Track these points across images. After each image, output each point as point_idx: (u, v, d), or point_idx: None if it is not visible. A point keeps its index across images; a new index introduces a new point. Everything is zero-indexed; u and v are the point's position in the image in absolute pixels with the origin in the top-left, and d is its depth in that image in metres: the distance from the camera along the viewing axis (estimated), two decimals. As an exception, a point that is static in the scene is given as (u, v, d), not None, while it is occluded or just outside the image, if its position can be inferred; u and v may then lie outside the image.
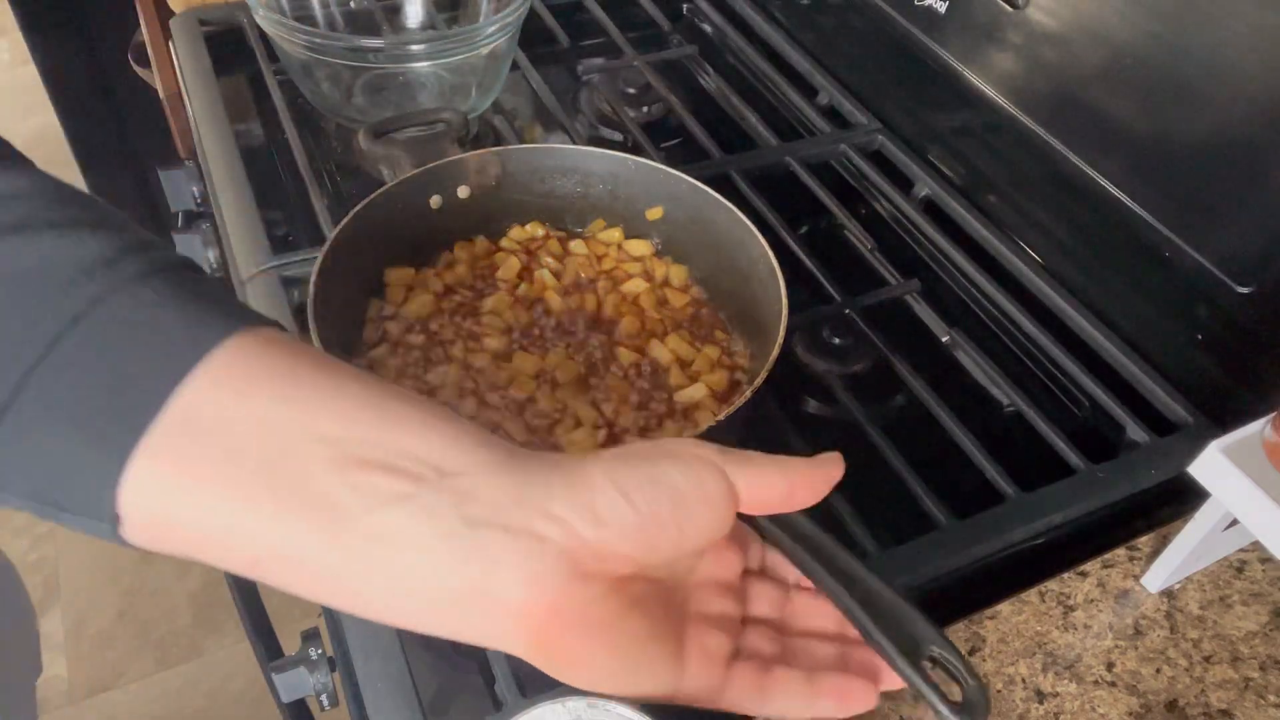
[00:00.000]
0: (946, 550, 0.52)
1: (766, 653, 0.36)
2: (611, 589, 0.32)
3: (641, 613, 0.33)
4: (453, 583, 0.30)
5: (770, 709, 0.34)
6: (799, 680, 0.34)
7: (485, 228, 0.63)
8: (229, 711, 1.35)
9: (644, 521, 0.32)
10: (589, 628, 0.31)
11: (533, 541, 0.30)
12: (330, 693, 0.52)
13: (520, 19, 0.77)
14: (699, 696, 0.34)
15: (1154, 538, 0.55)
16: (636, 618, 0.32)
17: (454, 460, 0.30)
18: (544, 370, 0.54)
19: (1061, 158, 0.68)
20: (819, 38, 0.90)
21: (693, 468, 0.33)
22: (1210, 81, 0.57)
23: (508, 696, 0.44)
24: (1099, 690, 0.48)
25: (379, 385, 0.32)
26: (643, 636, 0.32)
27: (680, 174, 0.60)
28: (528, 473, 0.31)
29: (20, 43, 1.47)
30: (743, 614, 0.37)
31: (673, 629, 0.34)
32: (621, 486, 0.32)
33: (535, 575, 0.30)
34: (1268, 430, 0.45)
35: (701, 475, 0.33)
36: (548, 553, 0.30)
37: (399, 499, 0.29)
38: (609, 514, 0.31)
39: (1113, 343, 0.64)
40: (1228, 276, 0.59)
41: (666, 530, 0.32)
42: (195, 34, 0.83)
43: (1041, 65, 0.68)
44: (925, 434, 0.60)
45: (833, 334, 0.66)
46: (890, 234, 0.77)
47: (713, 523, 0.34)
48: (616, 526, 0.31)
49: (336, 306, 0.52)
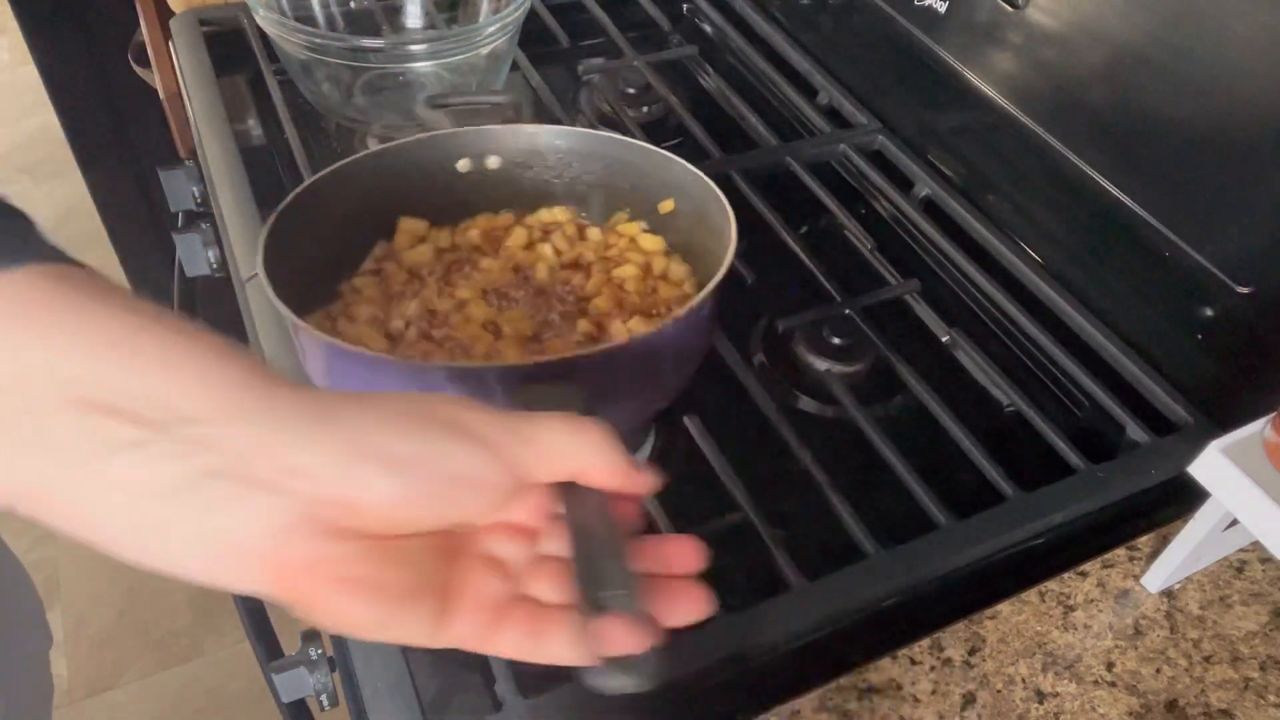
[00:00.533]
0: (946, 550, 0.52)
1: (546, 598, 0.34)
2: (369, 547, 0.31)
3: (403, 567, 0.31)
4: (197, 533, 0.29)
5: (543, 655, 0.33)
6: (574, 625, 0.32)
7: (513, 203, 0.63)
8: (229, 711, 1.35)
9: (408, 496, 0.31)
10: (343, 583, 0.30)
11: (275, 496, 0.29)
12: (330, 693, 0.52)
13: (520, 19, 0.77)
14: (467, 642, 0.33)
15: (1154, 538, 0.55)
16: (397, 572, 0.31)
17: (199, 405, 0.29)
18: (493, 321, 0.54)
19: (1061, 158, 0.68)
20: (819, 38, 0.90)
21: (474, 453, 0.32)
22: (1210, 81, 0.57)
23: (508, 696, 0.44)
24: (1099, 690, 0.48)
25: (152, 325, 0.30)
26: (403, 591, 0.31)
27: (686, 165, 0.59)
28: (283, 421, 0.30)
29: (20, 42, 1.47)
30: (536, 556, 0.35)
31: (441, 579, 0.32)
32: (389, 455, 0.30)
33: (281, 528, 0.29)
34: (1268, 430, 0.45)
35: (479, 461, 0.32)
36: (293, 507, 0.29)
37: (133, 445, 0.28)
38: (369, 480, 0.30)
39: (1113, 343, 0.64)
40: (1228, 276, 0.59)
41: (431, 508, 0.31)
42: (195, 34, 0.83)
43: (1041, 65, 0.68)
44: (925, 434, 0.60)
45: (833, 334, 0.66)
46: (890, 234, 0.77)
47: (484, 506, 0.33)
48: (376, 494, 0.30)
49: (317, 237, 0.54)
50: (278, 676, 0.52)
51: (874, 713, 0.46)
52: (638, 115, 0.84)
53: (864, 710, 0.47)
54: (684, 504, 0.55)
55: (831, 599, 0.49)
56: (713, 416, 0.58)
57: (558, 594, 0.34)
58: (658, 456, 0.60)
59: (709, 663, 0.46)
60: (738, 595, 0.52)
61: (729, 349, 0.61)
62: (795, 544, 0.52)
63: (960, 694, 0.48)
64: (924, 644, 0.50)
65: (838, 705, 0.47)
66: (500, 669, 0.44)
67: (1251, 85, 0.55)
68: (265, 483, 0.29)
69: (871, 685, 0.48)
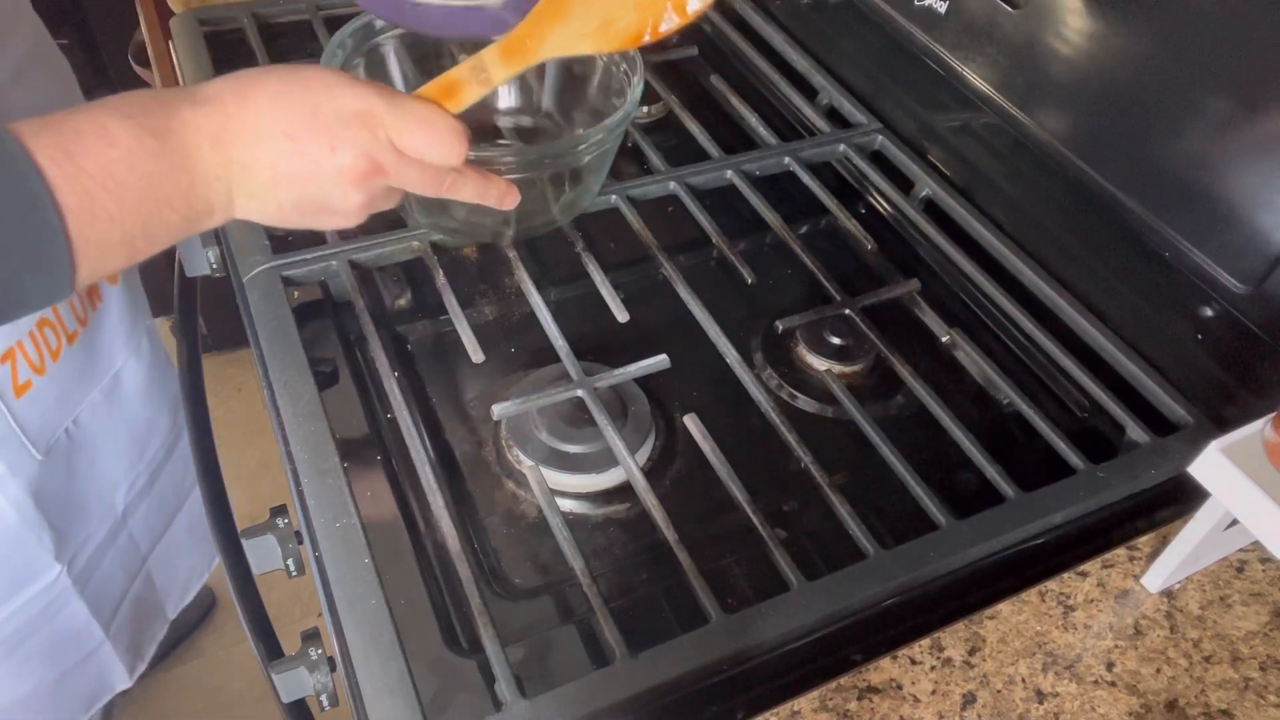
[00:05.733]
0: (946, 550, 0.52)
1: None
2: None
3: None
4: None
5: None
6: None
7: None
8: (229, 711, 1.35)
9: (280, 217, 0.46)
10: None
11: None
12: (330, 693, 0.52)
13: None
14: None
15: (1154, 538, 0.55)
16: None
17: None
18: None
19: (1062, 157, 0.68)
20: (819, 38, 0.90)
21: (341, 175, 0.45)
22: (1211, 81, 0.57)
23: (508, 696, 0.44)
24: (1099, 690, 0.48)
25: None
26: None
27: None
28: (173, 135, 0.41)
29: (20, 43, 1.47)
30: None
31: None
32: (274, 201, 0.45)
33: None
34: (1268, 430, 0.45)
35: (348, 189, 0.46)
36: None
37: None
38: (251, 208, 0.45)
39: (1113, 343, 0.64)
40: (1228, 276, 0.59)
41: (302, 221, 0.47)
42: (195, 34, 0.83)
43: (1042, 65, 0.68)
44: (925, 434, 0.60)
45: (833, 334, 0.66)
46: (890, 234, 0.77)
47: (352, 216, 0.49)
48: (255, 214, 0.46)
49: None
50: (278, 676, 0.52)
51: (874, 713, 0.46)
52: (638, 115, 0.84)
53: (864, 710, 0.47)
54: (684, 504, 0.55)
55: (831, 599, 0.49)
56: (713, 416, 0.58)
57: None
58: (658, 456, 0.60)
59: (709, 662, 0.46)
60: (738, 595, 0.52)
61: (729, 349, 0.61)
62: (795, 544, 0.52)
63: (960, 694, 0.48)
64: (924, 644, 0.50)
65: (838, 705, 0.47)
66: (500, 669, 0.44)
67: (1252, 85, 0.55)
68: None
69: (871, 685, 0.48)
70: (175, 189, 0.41)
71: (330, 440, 0.52)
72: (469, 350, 0.59)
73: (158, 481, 0.92)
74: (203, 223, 0.44)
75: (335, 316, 0.65)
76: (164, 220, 0.42)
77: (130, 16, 1.30)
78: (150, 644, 0.99)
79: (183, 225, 0.43)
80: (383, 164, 0.46)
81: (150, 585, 0.96)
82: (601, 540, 0.56)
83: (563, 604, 0.53)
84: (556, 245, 0.69)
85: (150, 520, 0.92)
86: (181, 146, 0.41)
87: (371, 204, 0.48)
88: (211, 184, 0.43)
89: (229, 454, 0.67)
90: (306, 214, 0.47)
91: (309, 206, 0.46)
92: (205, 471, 0.64)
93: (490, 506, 0.57)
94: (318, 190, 0.46)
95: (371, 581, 0.47)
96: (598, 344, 0.63)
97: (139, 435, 0.88)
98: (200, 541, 1.02)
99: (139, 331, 0.85)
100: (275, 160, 0.44)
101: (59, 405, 0.75)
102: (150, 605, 0.97)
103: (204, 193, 0.43)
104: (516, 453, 0.58)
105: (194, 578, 1.05)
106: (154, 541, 0.94)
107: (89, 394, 0.79)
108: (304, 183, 0.45)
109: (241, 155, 0.43)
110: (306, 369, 0.56)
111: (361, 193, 0.46)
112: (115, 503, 0.86)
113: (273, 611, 0.60)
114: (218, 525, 0.61)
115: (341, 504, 0.50)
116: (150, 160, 0.40)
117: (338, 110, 0.44)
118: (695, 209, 0.71)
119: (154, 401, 0.89)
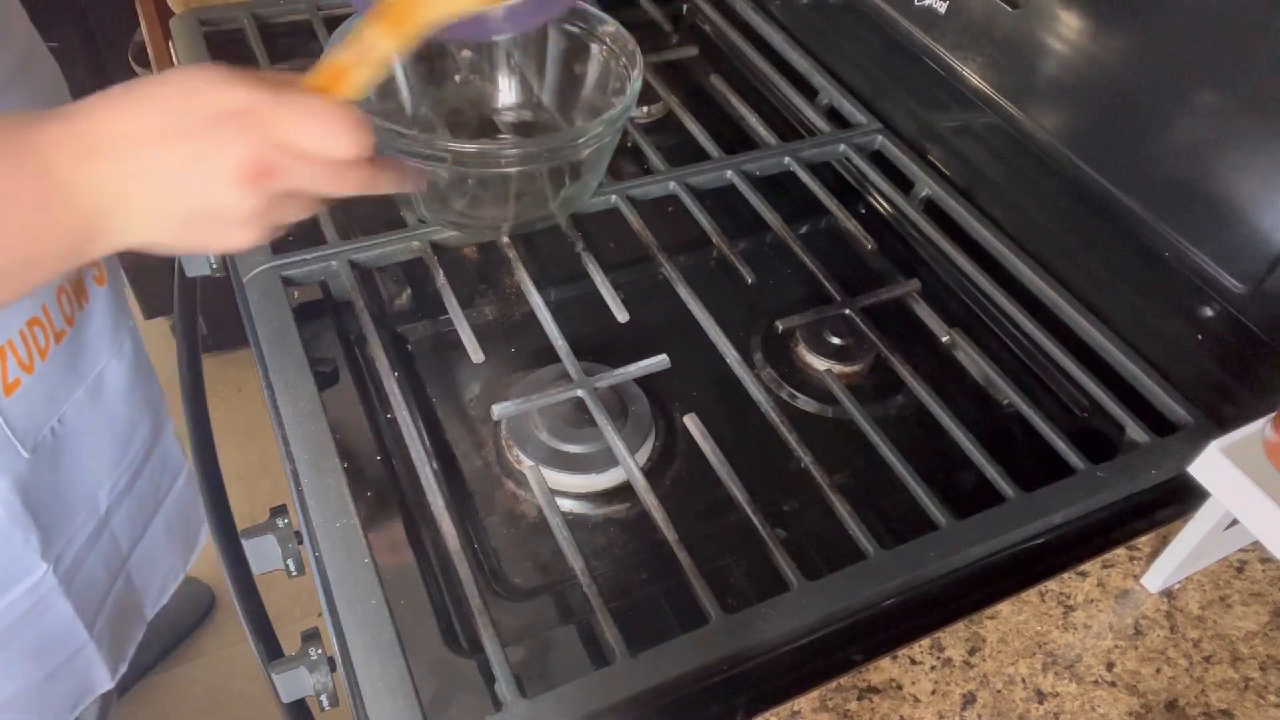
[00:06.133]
0: (946, 550, 0.52)
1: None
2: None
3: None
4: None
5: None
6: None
7: None
8: (229, 711, 1.35)
9: (176, 235, 0.42)
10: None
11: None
12: (330, 693, 0.52)
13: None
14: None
15: (1154, 538, 0.55)
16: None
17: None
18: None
19: (1062, 157, 0.68)
20: (819, 38, 0.90)
21: (225, 174, 0.40)
22: (1210, 81, 0.57)
23: (508, 696, 0.44)
24: (1099, 690, 0.48)
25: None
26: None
27: None
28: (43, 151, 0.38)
29: (20, 43, 1.47)
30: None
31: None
32: (160, 217, 0.41)
33: None
34: (1268, 430, 0.45)
35: (232, 196, 0.41)
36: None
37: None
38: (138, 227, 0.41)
39: (1113, 343, 0.64)
40: (1227, 276, 0.59)
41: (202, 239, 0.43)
42: (195, 34, 0.83)
43: (1041, 65, 0.68)
44: (925, 434, 0.60)
45: (833, 334, 0.66)
46: (890, 234, 0.77)
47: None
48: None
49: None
50: (278, 676, 0.52)
51: (874, 713, 0.46)
52: (638, 115, 0.84)
53: (864, 710, 0.47)
54: (684, 504, 0.55)
55: (831, 599, 0.49)
56: (713, 416, 0.58)
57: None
58: (658, 456, 0.60)
59: (709, 662, 0.46)
60: (738, 595, 0.52)
61: (729, 349, 0.61)
62: (795, 544, 0.52)
63: (960, 694, 0.48)
64: (924, 644, 0.50)
65: (838, 705, 0.47)
66: (500, 669, 0.44)
67: (1252, 85, 0.55)
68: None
69: (871, 685, 0.48)
70: (42, 214, 0.38)
71: (330, 440, 0.52)
72: (469, 350, 0.59)
73: (138, 481, 0.92)
74: (84, 250, 0.40)
75: (335, 316, 0.65)
76: (33, 253, 0.39)
77: (130, 16, 1.30)
78: (130, 644, 0.99)
79: (61, 254, 0.40)
80: (271, 164, 0.41)
81: (130, 585, 0.96)
82: (601, 540, 0.56)
83: (563, 604, 0.53)
84: (556, 245, 0.69)
85: (131, 520, 0.92)
86: (43, 166, 0.38)
87: (272, 211, 0.43)
88: (83, 205, 0.39)
89: (229, 454, 0.67)
90: (202, 230, 0.43)
91: (202, 220, 0.42)
92: (205, 471, 0.64)
93: (490, 506, 0.57)
94: (206, 200, 0.41)
95: (371, 581, 0.47)
96: (598, 344, 0.63)
97: (121, 435, 0.88)
98: (177, 542, 1.02)
99: (122, 332, 0.86)
100: (151, 170, 0.40)
101: (46, 404, 0.75)
102: (130, 605, 0.97)
103: (76, 217, 0.39)
104: (516, 453, 0.58)
105: (170, 578, 1.04)
106: (135, 541, 0.94)
107: (74, 393, 0.79)
108: (188, 193, 0.41)
109: (113, 169, 0.39)
110: (306, 369, 0.56)
111: (254, 198, 0.42)
112: (99, 502, 0.86)
113: (273, 611, 0.60)
114: (218, 525, 0.61)
115: (341, 504, 0.50)
116: (6, 182, 0.37)
117: (216, 110, 0.40)
118: (695, 209, 0.71)
119: (135, 401, 0.89)
